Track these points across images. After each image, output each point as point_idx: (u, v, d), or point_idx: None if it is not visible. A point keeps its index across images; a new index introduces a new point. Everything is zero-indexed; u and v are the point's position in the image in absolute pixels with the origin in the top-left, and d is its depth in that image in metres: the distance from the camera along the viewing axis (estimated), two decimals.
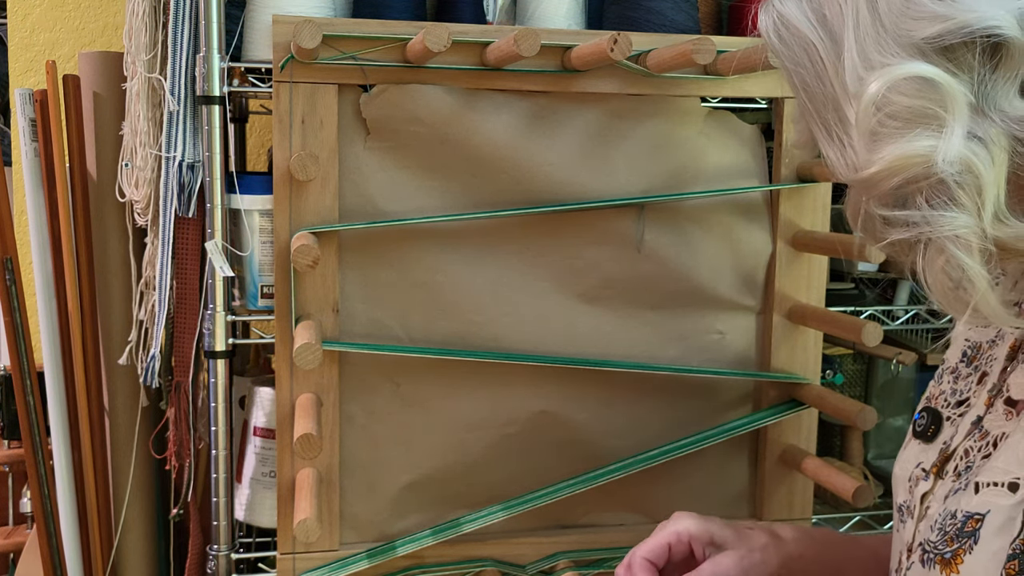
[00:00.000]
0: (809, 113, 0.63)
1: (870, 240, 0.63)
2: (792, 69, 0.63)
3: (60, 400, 1.35)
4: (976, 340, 0.75)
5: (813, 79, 0.61)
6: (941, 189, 0.56)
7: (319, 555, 1.12)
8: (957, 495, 0.66)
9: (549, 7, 1.18)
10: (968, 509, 0.64)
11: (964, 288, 0.57)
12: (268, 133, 1.80)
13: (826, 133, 0.62)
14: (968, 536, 0.63)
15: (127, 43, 1.20)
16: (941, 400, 0.74)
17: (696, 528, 0.82)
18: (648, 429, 1.19)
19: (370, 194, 1.09)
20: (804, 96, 0.63)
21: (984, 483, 0.64)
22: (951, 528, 0.65)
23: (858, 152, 0.59)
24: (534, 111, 1.12)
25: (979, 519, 0.63)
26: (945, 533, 0.66)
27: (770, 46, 0.64)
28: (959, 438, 0.69)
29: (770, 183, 1.19)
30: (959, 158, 0.55)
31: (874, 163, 0.58)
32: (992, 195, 0.55)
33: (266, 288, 1.16)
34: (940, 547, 0.66)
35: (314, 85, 1.06)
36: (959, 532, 0.64)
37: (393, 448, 1.14)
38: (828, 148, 0.62)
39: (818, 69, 0.61)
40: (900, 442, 1.65)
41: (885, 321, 1.36)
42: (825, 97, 0.61)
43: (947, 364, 0.76)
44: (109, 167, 1.29)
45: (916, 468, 0.73)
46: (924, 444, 0.73)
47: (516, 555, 1.18)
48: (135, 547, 1.35)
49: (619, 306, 1.17)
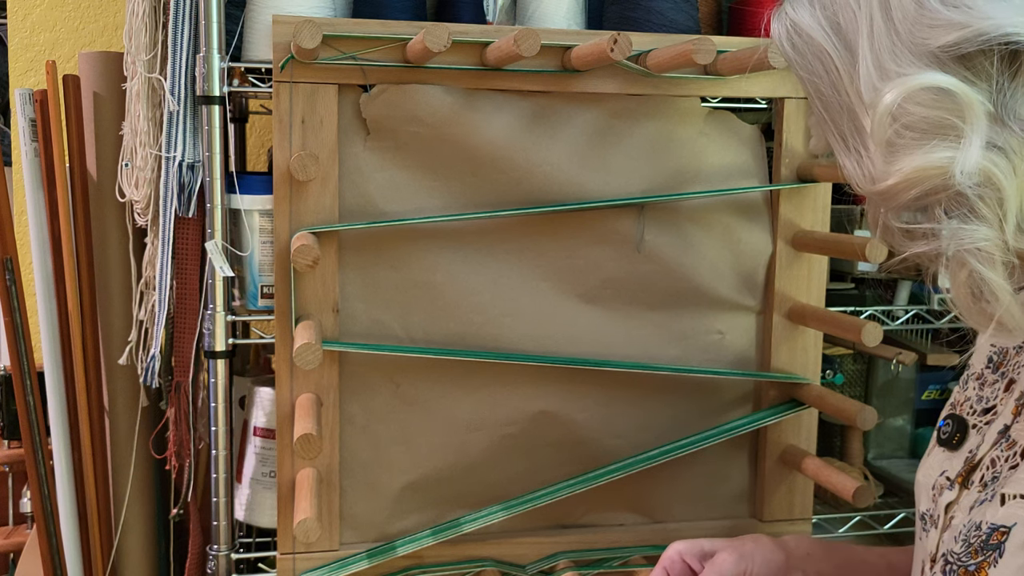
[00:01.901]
0: (825, 123, 0.62)
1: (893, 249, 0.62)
2: (806, 78, 0.62)
3: (60, 400, 1.35)
4: (1003, 345, 0.73)
5: (828, 88, 0.60)
6: (961, 201, 0.55)
7: (319, 555, 1.12)
8: (983, 506, 0.65)
9: (549, 7, 1.18)
10: (993, 521, 0.63)
11: (987, 301, 0.56)
12: (268, 133, 1.80)
13: (843, 143, 0.61)
14: (993, 549, 0.62)
15: (127, 43, 1.20)
16: (967, 407, 0.72)
17: (685, 545, 0.85)
18: (648, 429, 1.19)
19: (370, 194, 1.09)
20: (820, 105, 0.62)
21: (1011, 495, 0.63)
22: (975, 540, 0.64)
23: (875, 163, 0.58)
24: (534, 111, 1.12)
25: (1005, 532, 0.62)
26: (969, 545, 0.64)
27: (784, 55, 0.63)
28: (985, 447, 0.68)
29: (770, 183, 1.19)
30: (978, 169, 0.53)
31: (891, 175, 0.57)
32: (1014, 206, 0.54)
33: (266, 288, 1.16)
34: (964, 559, 0.65)
35: (314, 85, 1.06)
36: (984, 544, 0.63)
37: (393, 448, 1.14)
38: (845, 158, 0.61)
39: (833, 78, 0.60)
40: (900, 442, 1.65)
41: (885, 321, 1.36)
42: (841, 107, 0.60)
43: (972, 370, 0.74)
44: (109, 167, 1.28)
45: (940, 476, 0.71)
46: (949, 452, 0.72)
47: (516, 555, 1.18)
48: (135, 547, 1.35)
49: (619, 306, 1.17)
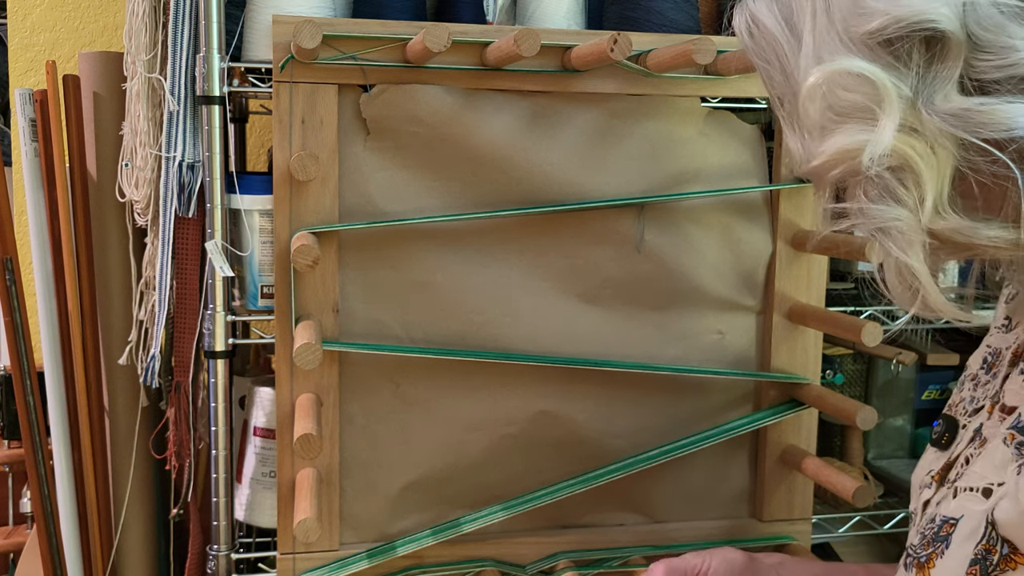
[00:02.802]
0: (778, 108, 0.65)
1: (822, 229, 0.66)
2: (762, 66, 0.65)
3: (60, 400, 1.35)
4: (997, 346, 0.73)
5: (779, 75, 0.63)
6: (879, 183, 0.57)
7: (319, 555, 1.12)
8: (942, 501, 0.66)
9: (549, 7, 1.18)
10: (945, 514, 0.65)
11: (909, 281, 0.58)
12: (268, 133, 1.80)
13: (790, 127, 0.64)
14: (942, 541, 0.64)
15: (127, 43, 1.20)
16: (960, 408, 0.73)
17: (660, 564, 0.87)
18: (648, 429, 1.19)
19: (370, 194, 1.09)
20: (772, 92, 0.65)
21: (962, 488, 0.64)
22: (929, 532, 0.66)
23: (808, 145, 0.61)
24: (534, 111, 1.12)
25: (953, 524, 0.63)
26: (924, 537, 0.66)
27: (743, 44, 0.66)
28: (962, 445, 0.69)
29: (770, 183, 1.19)
30: (893, 152, 0.55)
31: (817, 156, 0.60)
32: (933, 190, 0.55)
33: (266, 288, 1.16)
34: (919, 551, 0.66)
35: (314, 85, 1.06)
36: (935, 536, 0.65)
37: (393, 448, 1.14)
38: (791, 141, 0.64)
39: (783, 64, 0.63)
40: (900, 442, 1.65)
41: (885, 321, 1.36)
42: (790, 93, 0.63)
43: (969, 371, 0.75)
44: (109, 167, 1.28)
45: (927, 475, 0.72)
46: (939, 452, 0.73)
47: (516, 555, 1.18)
48: (135, 547, 1.35)
49: (619, 306, 1.17)
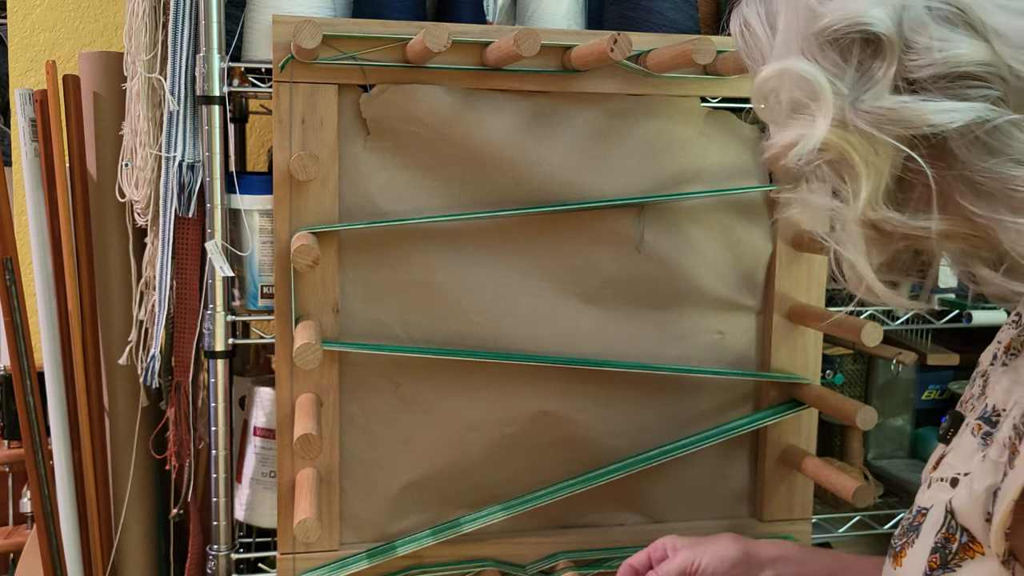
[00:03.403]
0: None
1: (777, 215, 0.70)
2: (751, 66, 0.69)
3: (60, 400, 1.35)
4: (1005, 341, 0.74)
5: None
6: (819, 175, 0.61)
7: (319, 555, 1.12)
8: (923, 493, 0.68)
9: (549, 7, 1.18)
10: (920, 504, 0.67)
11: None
12: (268, 133, 1.80)
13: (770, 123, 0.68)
14: (914, 530, 0.66)
15: (127, 43, 1.20)
16: (969, 404, 0.74)
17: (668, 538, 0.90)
18: (648, 429, 1.19)
19: (370, 194, 1.09)
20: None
21: (936, 479, 0.66)
22: (906, 522, 0.68)
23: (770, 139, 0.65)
24: (534, 111, 1.12)
25: (924, 514, 0.65)
26: (902, 528, 0.68)
27: (737, 46, 0.70)
28: (956, 440, 0.70)
29: (770, 183, 1.19)
30: (829, 147, 0.58)
31: (767, 148, 0.64)
32: (869, 184, 0.58)
33: (266, 288, 1.16)
34: (896, 541, 0.68)
35: (314, 85, 1.06)
36: (909, 526, 0.67)
37: (393, 448, 1.14)
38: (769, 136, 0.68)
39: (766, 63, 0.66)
40: (900, 442, 1.65)
41: (885, 321, 1.36)
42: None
43: (980, 367, 0.76)
44: (109, 167, 1.28)
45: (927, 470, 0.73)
46: (944, 447, 0.73)
47: (516, 555, 1.18)
48: (135, 547, 1.35)
49: (619, 306, 1.17)
